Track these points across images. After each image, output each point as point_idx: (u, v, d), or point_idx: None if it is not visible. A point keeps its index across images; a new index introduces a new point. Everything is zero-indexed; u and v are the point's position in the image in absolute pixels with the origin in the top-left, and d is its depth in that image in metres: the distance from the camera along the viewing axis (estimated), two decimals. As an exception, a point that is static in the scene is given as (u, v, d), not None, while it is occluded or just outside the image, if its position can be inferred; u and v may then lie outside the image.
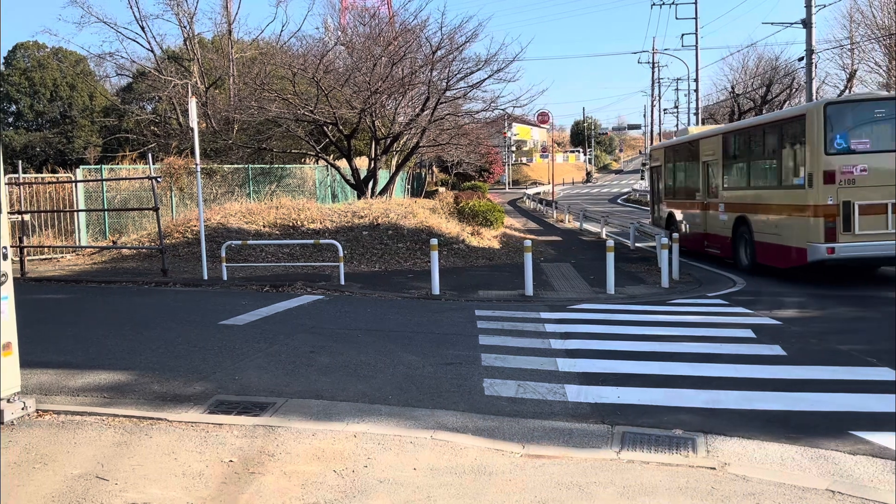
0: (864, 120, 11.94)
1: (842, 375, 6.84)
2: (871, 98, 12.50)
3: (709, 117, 52.71)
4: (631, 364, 7.33)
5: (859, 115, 12.00)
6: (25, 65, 47.49)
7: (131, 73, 39.97)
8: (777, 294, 11.79)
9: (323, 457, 4.83)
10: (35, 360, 7.38)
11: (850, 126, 11.84)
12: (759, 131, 14.44)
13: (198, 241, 15.60)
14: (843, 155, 11.68)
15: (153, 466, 4.68)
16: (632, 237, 19.64)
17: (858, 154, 11.69)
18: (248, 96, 25.45)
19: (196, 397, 6.27)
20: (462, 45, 22.90)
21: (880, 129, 11.77)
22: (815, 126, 11.82)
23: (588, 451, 5.00)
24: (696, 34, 44.15)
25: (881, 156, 11.64)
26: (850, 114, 11.99)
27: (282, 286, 12.92)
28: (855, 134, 11.80)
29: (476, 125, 31.07)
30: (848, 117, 11.93)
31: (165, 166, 21.78)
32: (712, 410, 5.86)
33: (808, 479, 4.50)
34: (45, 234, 19.03)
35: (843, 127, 11.80)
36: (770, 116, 15.26)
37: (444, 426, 5.49)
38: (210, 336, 8.79)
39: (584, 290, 12.64)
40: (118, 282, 14.06)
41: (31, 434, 5.31)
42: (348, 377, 6.90)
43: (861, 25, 37.62)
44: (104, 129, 43.89)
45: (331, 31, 29.96)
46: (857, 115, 12.00)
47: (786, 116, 13.60)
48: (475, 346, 8.20)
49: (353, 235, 17.62)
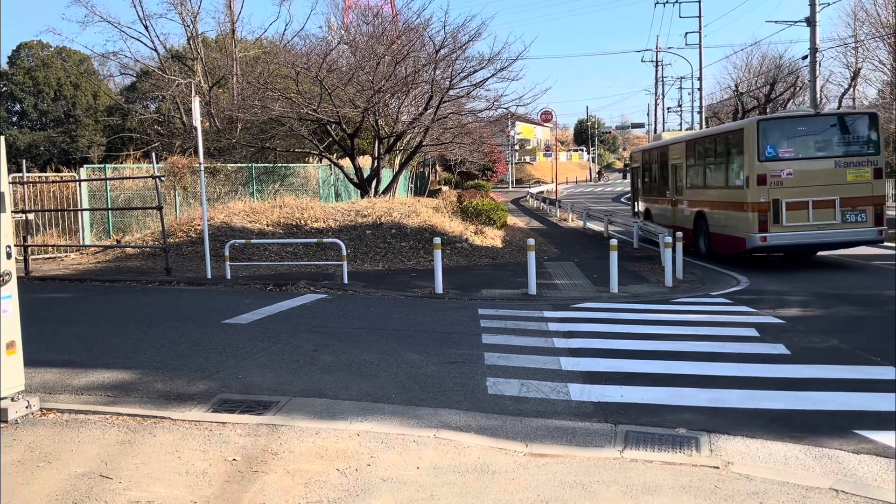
0: (789, 133, 14.49)
1: (845, 374, 6.82)
2: (795, 115, 15.41)
3: (712, 116, 52.60)
4: (634, 363, 7.32)
5: (786, 129, 14.56)
6: (29, 64, 47.62)
7: (135, 73, 40.05)
8: (781, 293, 11.77)
9: (326, 455, 4.84)
10: (39, 358, 7.40)
11: (779, 138, 14.32)
12: (712, 140, 16.96)
13: (201, 240, 15.62)
14: (773, 162, 14.10)
15: (157, 465, 4.69)
16: (635, 236, 19.62)
17: (785, 161, 14.14)
18: (251, 95, 25.47)
19: (199, 396, 6.28)
20: (465, 43, 22.91)
21: (802, 140, 14.44)
22: (751, 138, 14.28)
23: (591, 450, 4.99)
24: (699, 33, 44.06)
25: (803, 162, 14.19)
26: (778, 128, 14.53)
27: (285, 285, 12.93)
28: (782, 144, 14.27)
29: (479, 124, 31.06)
30: (776, 131, 14.43)
31: (169, 165, 21.83)
32: (716, 409, 5.86)
33: (811, 479, 4.50)
34: (49, 233, 19.08)
35: (772, 139, 14.25)
36: (719, 128, 18.24)
37: (447, 425, 5.50)
38: (213, 335, 8.80)
39: (587, 288, 12.63)
40: (122, 281, 14.09)
41: (35, 432, 5.32)
42: (351, 376, 6.90)
43: (865, 23, 37.56)
44: (108, 129, 43.99)
45: (334, 30, 30.00)
46: (784, 130, 14.54)
47: (730, 129, 16.18)
48: (478, 344, 8.20)
49: (356, 234, 17.63)
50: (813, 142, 14.46)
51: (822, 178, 14.12)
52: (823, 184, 14.09)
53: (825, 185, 14.09)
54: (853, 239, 14.38)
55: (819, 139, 14.51)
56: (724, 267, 15.12)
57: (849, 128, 14.59)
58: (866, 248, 16.94)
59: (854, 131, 14.57)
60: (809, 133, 14.58)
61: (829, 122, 14.75)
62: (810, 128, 14.68)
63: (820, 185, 14.07)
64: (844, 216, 14.09)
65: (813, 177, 14.10)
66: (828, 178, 14.13)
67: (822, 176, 14.13)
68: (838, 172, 14.15)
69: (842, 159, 14.22)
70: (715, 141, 16.77)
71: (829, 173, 14.16)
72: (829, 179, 14.13)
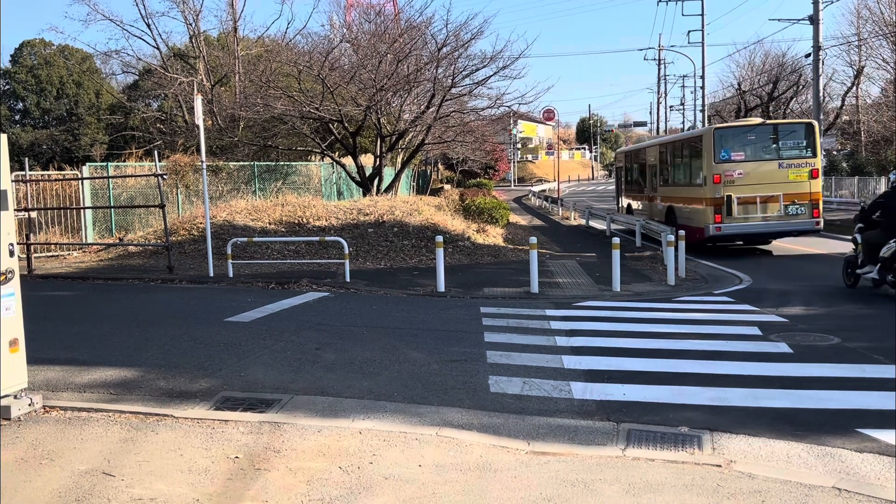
0: (740, 140, 17.03)
1: (848, 373, 6.82)
2: (745, 125, 17.99)
3: (715, 114, 52.50)
4: (637, 361, 7.32)
5: (737, 136, 17.16)
6: (32, 62, 47.65)
7: (137, 71, 40.04)
8: (783, 292, 11.76)
9: (328, 453, 4.84)
10: (42, 356, 7.41)
11: (732, 144, 16.83)
12: (679, 145, 19.82)
13: (203, 238, 15.63)
14: (727, 163, 16.62)
15: (159, 462, 4.70)
16: (638, 235, 19.60)
17: (736, 163, 16.65)
18: (253, 94, 25.46)
19: (202, 394, 6.29)
20: (467, 41, 22.87)
21: (751, 146, 16.96)
22: (709, 143, 16.82)
23: (593, 449, 4.99)
24: (702, 31, 43.98)
25: (752, 164, 16.69)
26: (732, 135, 17.16)
27: (287, 283, 12.93)
28: (735, 149, 16.78)
29: (481, 122, 31.04)
30: (730, 138, 17.01)
31: (171, 164, 21.83)
32: (718, 408, 5.85)
33: (814, 477, 4.49)
34: (52, 231, 19.10)
35: (726, 144, 16.77)
36: (684, 135, 21.77)
37: (449, 423, 5.50)
38: (216, 333, 8.81)
39: (589, 287, 12.62)
40: (124, 279, 14.11)
41: (38, 430, 5.33)
42: (354, 374, 6.91)
43: (868, 22, 37.49)
44: (110, 127, 44.00)
45: (336, 29, 29.93)
46: (736, 136, 17.13)
47: (692, 136, 19.23)
48: (480, 343, 8.20)
49: (358, 233, 17.64)
50: (760, 147, 17.04)
51: (768, 177, 16.64)
52: (769, 182, 16.60)
53: (770, 183, 16.59)
54: (794, 229, 16.94)
55: (765, 145, 17.09)
56: (727, 266, 15.12)
57: (790, 135, 17.23)
58: None
59: (795, 138, 17.13)
60: (757, 139, 17.16)
61: (773, 130, 17.47)
62: (758, 135, 17.27)
63: (766, 183, 16.59)
64: (787, 209, 16.63)
65: (760, 176, 16.64)
66: (772, 178, 16.61)
67: (768, 175, 16.65)
68: (781, 172, 16.66)
69: (784, 161, 16.73)
70: (682, 145, 19.60)
71: (773, 173, 16.64)
72: (774, 178, 16.61)
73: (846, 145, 43.19)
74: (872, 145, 38.44)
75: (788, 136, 17.22)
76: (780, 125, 18.08)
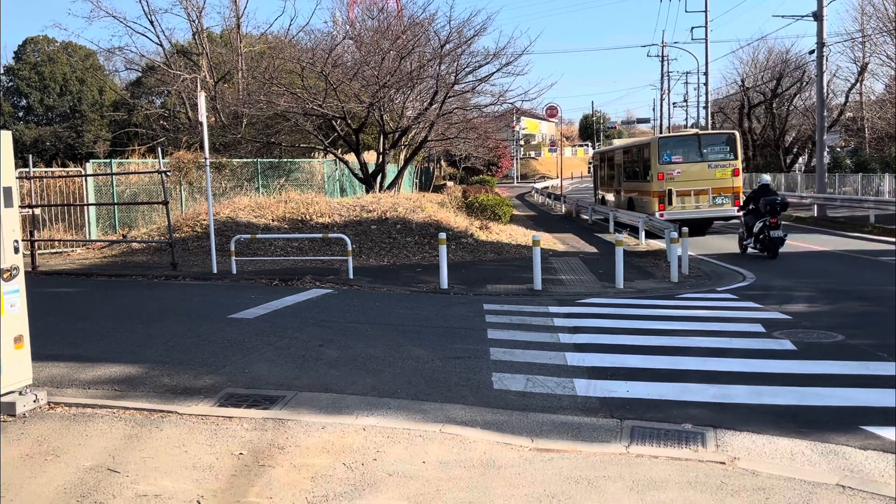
0: (678, 146, 21.88)
1: (852, 370, 6.81)
2: (682, 135, 23.56)
3: (718, 111, 52.40)
4: (640, 358, 7.32)
5: (676, 143, 22.20)
6: (35, 59, 47.68)
7: (140, 68, 40.04)
8: (786, 289, 11.74)
9: (332, 450, 4.85)
10: (46, 352, 7.42)
11: (671, 149, 21.65)
12: (636, 149, 24.91)
13: (207, 235, 15.64)
14: (668, 164, 21.35)
15: (164, 459, 4.71)
16: (641, 232, 19.58)
17: (675, 164, 21.33)
18: (256, 90, 25.46)
19: (206, 390, 6.30)
20: (470, 38, 22.83)
21: (686, 150, 21.66)
22: (655, 149, 21.71)
23: (597, 446, 5.00)
24: (705, 27, 43.87)
25: (686, 165, 21.36)
26: (671, 143, 22.34)
27: (291, 280, 12.95)
28: (674, 153, 21.52)
29: (484, 119, 31.01)
30: (670, 145, 22.02)
31: (175, 160, 21.84)
32: (722, 405, 5.85)
33: (817, 474, 4.49)
34: (56, 227, 19.13)
35: (667, 150, 21.64)
36: (638, 141, 27.72)
37: (453, 420, 5.50)
38: (220, 330, 8.82)
39: (592, 284, 12.62)
40: (128, 275, 14.13)
41: (43, 426, 5.35)
42: (357, 370, 6.91)
43: (873, 18, 37.34)
44: (113, 124, 44.05)
45: (339, 25, 29.92)
46: (675, 144, 22.17)
47: (644, 143, 24.42)
48: (484, 339, 8.21)
49: (361, 229, 17.64)
50: (694, 151, 21.62)
51: (700, 175, 21.28)
52: (701, 179, 21.23)
53: (702, 179, 21.24)
54: (720, 215, 21.60)
55: (698, 150, 21.65)
56: (730, 263, 15.11)
57: (717, 143, 22.10)
58: (871, 244, 17.66)
59: (721, 145, 21.88)
60: (691, 146, 21.83)
61: (703, 138, 22.34)
62: (692, 142, 22.08)
63: (698, 180, 21.21)
64: (714, 200, 21.24)
65: (694, 174, 21.26)
66: (703, 175, 21.28)
67: (700, 174, 21.31)
68: (710, 171, 21.37)
69: (712, 163, 21.46)
70: (637, 149, 24.61)
71: (704, 172, 21.33)
72: (704, 176, 21.28)
73: (850, 142, 43.09)
74: (876, 142, 38.32)
75: (716, 143, 22.12)
76: (710, 134, 23.56)
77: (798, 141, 45.04)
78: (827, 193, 26.62)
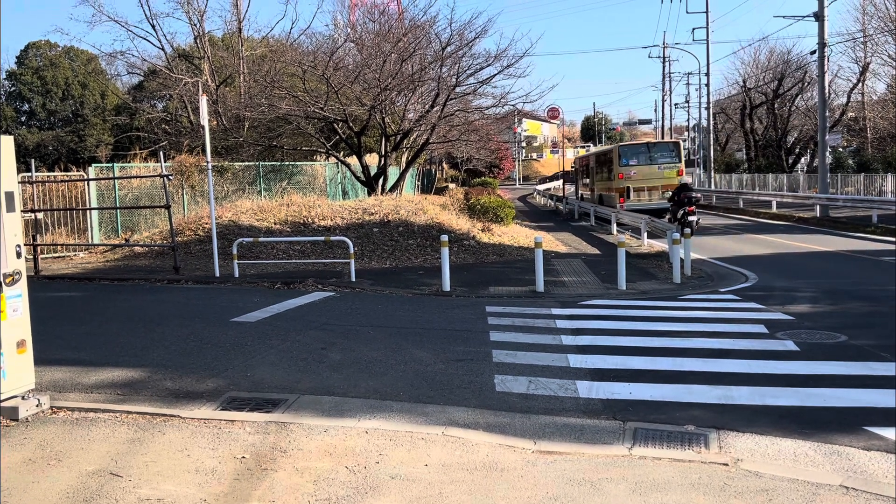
0: (634, 152, 27.77)
1: (855, 371, 6.80)
2: (637, 143, 30.37)
3: (720, 112, 52.36)
4: (643, 360, 7.31)
5: (632, 149, 28.24)
6: (37, 64, 47.80)
7: (142, 72, 40.09)
8: (789, 289, 11.73)
9: (335, 453, 4.85)
10: (49, 357, 7.43)
11: (629, 154, 27.44)
12: (603, 155, 31.10)
13: (209, 238, 15.66)
14: (626, 167, 26.89)
15: (166, 463, 4.71)
16: (643, 232, 19.58)
17: (632, 166, 26.88)
18: (258, 94, 25.48)
19: (208, 394, 6.31)
20: (471, 40, 22.85)
21: (640, 156, 27.30)
22: (616, 154, 27.58)
23: (600, 448, 4.99)
24: (706, 28, 43.88)
25: (641, 167, 26.80)
26: (628, 149, 28.23)
27: (293, 283, 12.95)
28: (631, 158, 27.23)
29: (486, 121, 31.03)
30: (627, 151, 27.94)
31: (177, 164, 21.86)
32: (725, 406, 5.84)
33: (821, 475, 4.48)
34: (58, 232, 19.15)
35: (625, 155, 27.41)
36: (606, 148, 34.99)
37: (455, 422, 5.50)
38: (222, 333, 8.83)
39: (595, 285, 12.61)
40: (131, 279, 14.14)
41: (45, 431, 5.35)
42: (359, 373, 6.91)
43: (874, 18, 37.31)
44: (116, 128, 44.12)
45: (340, 28, 30.02)
46: (632, 150, 28.20)
47: (608, 150, 30.40)
48: (486, 342, 8.20)
49: (363, 232, 17.64)
50: (646, 156, 27.24)
51: (652, 175, 26.52)
52: (652, 178, 26.45)
53: (653, 178, 26.43)
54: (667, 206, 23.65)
55: (650, 155, 27.25)
56: (733, 264, 15.09)
57: (665, 149, 27.81)
58: (873, 245, 17.53)
59: (668, 150, 27.59)
60: (644, 152, 27.63)
61: (653, 146, 28.44)
62: (644, 149, 28.03)
63: (650, 179, 26.47)
64: (663, 195, 24.49)
65: (646, 174, 26.60)
66: (654, 175, 26.46)
67: (651, 174, 26.55)
68: (660, 172, 26.42)
69: (661, 165, 26.60)
70: (604, 155, 30.85)
71: (655, 172, 26.51)
72: (655, 175, 26.45)
73: (852, 142, 43.03)
74: (878, 142, 38.27)
75: (664, 150, 27.71)
76: (658, 143, 30.24)
77: (800, 141, 45.01)
78: (829, 193, 26.56)
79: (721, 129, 55.91)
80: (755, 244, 18.99)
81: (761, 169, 42.37)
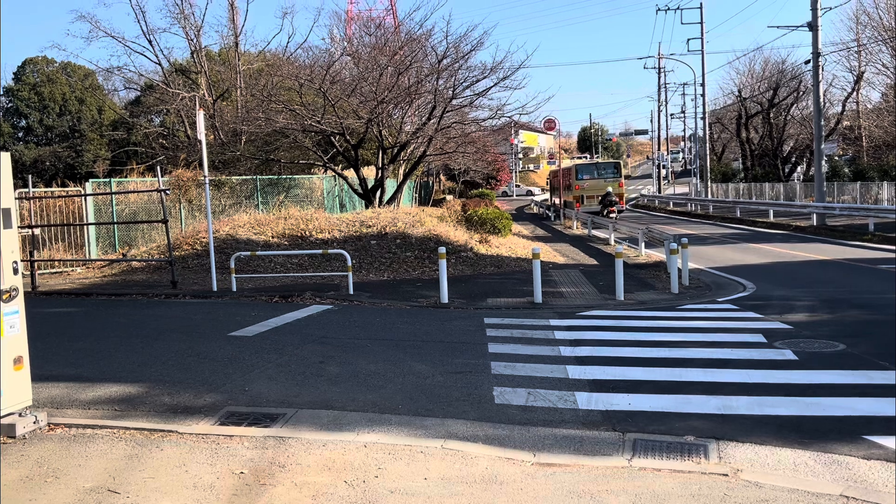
0: (587, 169, 38.17)
1: (854, 379, 6.79)
2: (589, 162, 46.98)
3: (716, 121, 52.56)
4: (642, 370, 7.30)
5: (585, 167, 39.24)
6: (35, 80, 47.95)
7: (139, 87, 40.23)
8: (787, 298, 11.73)
9: (333, 467, 4.83)
10: (46, 373, 7.41)
11: (582, 171, 37.58)
12: (567, 170, 39.72)
13: (207, 252, 15.65)
14: (581, 180, 36.41)
15: (165, 479, 4.69)
16: (641, 243, 19.60)
17: (586, 179, 36.45)
18: (255, 108, 25.55)
19: (206, 409, 6.28)
20: (467, 53, 22.94)
21: (591, 172, 37.54)
22: (573, 171, 37.76)
23: (599, 459, 4.98)
24: (701, 39, 44.15)
25: (592, 180, 36.26)
26: (583, 167, 38.96)
27: (291, 297, 12.94)
28: (585, 173, 37.22)
29: (482, 133, 31.10)
30: (582, 168, 38.44)
31: (174, 179, 21.87)
32: (724, 416, 5.83)
33: (821, 485, 4.47)
34: (56, 247, 19.13)
35: (580, 171, 37.32)
36: (569, 166, 41.42)
37: (454, 435, 5.48)
38: (220, 347, 8.81)
39: (593, 296, 12.61)
40: (128, 294, 14.12)
41: (42, 448, 5.33)
42: (358, 387, 6.90)
43: (868, 27, 37.55)
44: (113, 143, 44.22)
45: (337, 42, 30.08)
46: (585, 168, 38.86)
47: (570, 167, 39.61)
48: (485, 354, 8.19)
49: (361, 245, 17.65)
50: (595, 171, 37.14)
51: (598, 186, 34.02)
52: (599, 189, 33.46)
53: (600, 189, 33.04)
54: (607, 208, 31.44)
55: (597, 170, 37.24)
56: (731, 273, 15.10)
57: (608, 167, 38.19)
58: (871, 253, 17.51)
59: (610, 168, 37.92)
60: (593, 169, 37.75)
61: (599, 164, 39.29)
62: (593, 167, 38.41)
63: (598, 189, 33.75)
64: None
65: (594, 186, 34.79)
66: (601, 187, 33.43)
67: (599, 186, 34.26)
68: (605, 184, 33.63)
69: (606, 179, 35.24)
70: (568, 170, 39.25)
71: (601, 184, 34.27)
72: (602, 187, 33.02)
73: (848, 151, 43.21)
74: (874, 150, 38.42)
75: (608, 168, 38.11)
76: (603, 162, 43.64)
77: (796, 150, 45.17)
78: (826, 202, 26.62)
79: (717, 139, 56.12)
80: (753, 253, 19.01)
81: (758, 178, 42.50)
